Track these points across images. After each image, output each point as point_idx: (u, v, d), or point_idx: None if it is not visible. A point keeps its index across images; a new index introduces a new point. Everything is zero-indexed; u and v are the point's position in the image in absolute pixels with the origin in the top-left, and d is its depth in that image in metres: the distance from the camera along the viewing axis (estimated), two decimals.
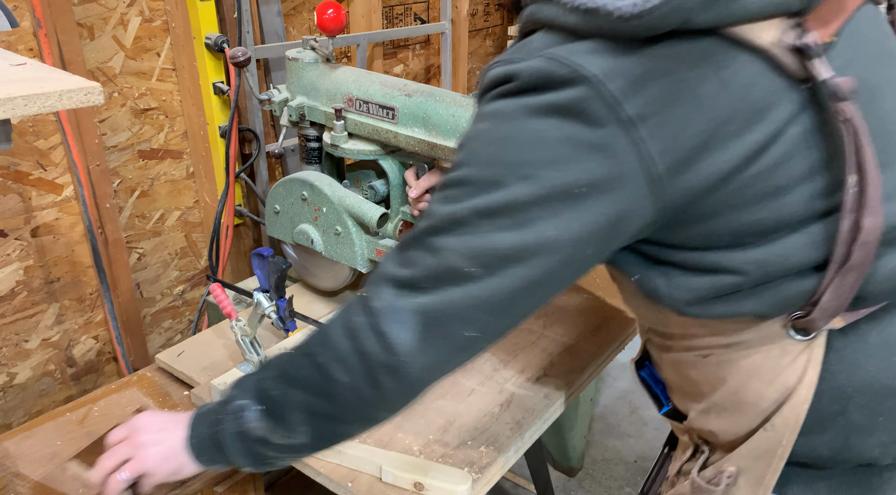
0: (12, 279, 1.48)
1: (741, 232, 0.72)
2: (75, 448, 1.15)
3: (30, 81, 0.76)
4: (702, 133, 0.66)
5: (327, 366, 0.75)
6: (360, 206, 1.33)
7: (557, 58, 0.66)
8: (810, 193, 0.70)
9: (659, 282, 0.78)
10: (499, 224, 0.68)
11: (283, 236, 1.48)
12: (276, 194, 1.45)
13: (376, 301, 0.73)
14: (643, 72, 0.65)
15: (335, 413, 0.77)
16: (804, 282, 0.73)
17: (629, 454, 2.24)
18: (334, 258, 1.41)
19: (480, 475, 1.04)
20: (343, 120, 1.36)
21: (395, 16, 2.27)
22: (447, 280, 0.70)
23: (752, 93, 0.67)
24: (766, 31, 0.66)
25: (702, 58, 0.66)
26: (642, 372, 1.00)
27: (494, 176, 0.69)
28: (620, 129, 0.65)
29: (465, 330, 0.71)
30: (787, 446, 0.77)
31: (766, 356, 0.78)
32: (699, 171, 0.67)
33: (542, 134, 0.67)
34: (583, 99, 0.65)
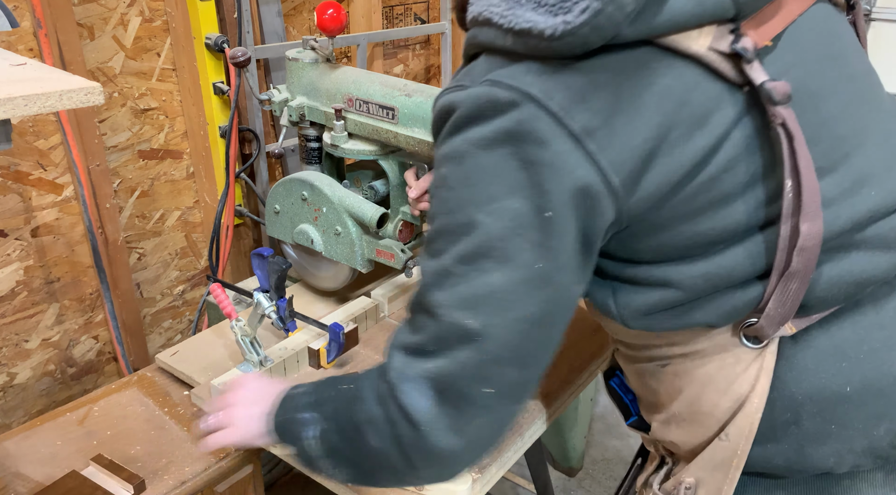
0: (12, 279, 1.48)
1: (689, 244, 0.72)
2: (75, 448, 1.15)
3: (30, 81, 0.76)
4: (649, 141, 0.66)
5: (361, 427, 0.74)
6: (359, 206, 1.33)
7: (498, 82, 0.67)
8: (754, 202, 0.70)
9: (608, 300, 0.79)
10: (483, 267, 0.67)
11: (283, 236, 1.48)
12: (276, 194, 1.45)
13: (391, 371, 0.73)
14: (583, 85, 0.65)
15: (370, 473, 0.78)
16: (749, 291, 0.73)
17: (629, 454, 2.24)
18: (334, 258, 1.41)
19: (480, 475, 1.04)
20: (343, 120, 1.36)
21: (395, 16, 2.27)
22: (449, 340, 0.69)
23: (691, 99, 0.67)
24: (697, 38, 0.66)
25: (639, 66, 0.66)
26: (612, 382, 1.01)
27: (464, 219, 0.68)
28: (570, 145, 0.65)
29: (480, 387, 0.69)
30: (741, 456, 0.77)
31: (721, 364, 0.78)
32: (652, 179, 0.67)
33: (499, 164, 0.66)
34: (528, 119, 0.65)
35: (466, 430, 0.70)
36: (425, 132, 1.28)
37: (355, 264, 1.39)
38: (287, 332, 1.30)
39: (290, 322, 1.28)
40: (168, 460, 1.13)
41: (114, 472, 1.07)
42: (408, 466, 0.73)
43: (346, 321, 1.30)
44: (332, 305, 1.53)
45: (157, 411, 1.24)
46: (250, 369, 1.17)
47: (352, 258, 1.38)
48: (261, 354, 1.19)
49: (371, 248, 1.38)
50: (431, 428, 0.69)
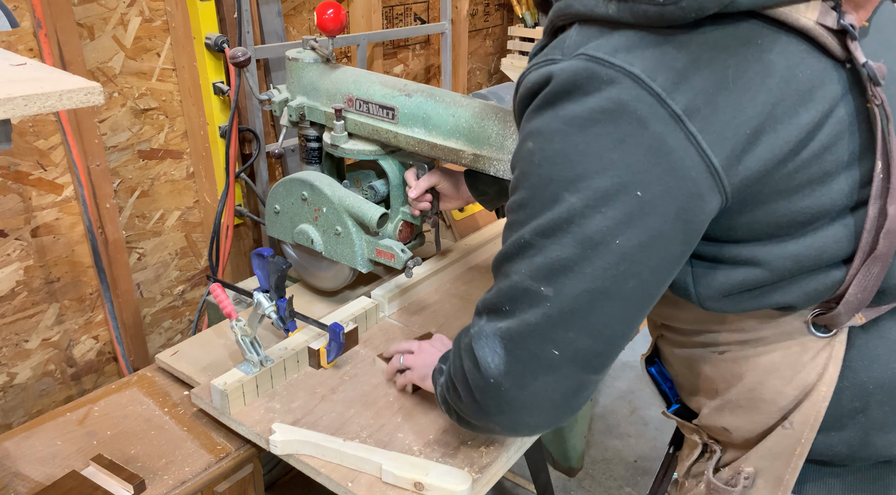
0: (12, 279, 1.48)
1: (783, 223, 0.70)
2: (75, 448, 1.15)
3: (30, 81, 0.76)
4: (753, 118, 0.65)
5: (454, 377, 0.83)
6: (360, 206, 1.33)
7: (597, 58, 0.65)
8: (851, 181, 0.69)
9: (686, 278, 0.76)
10: (560, 240, 0.68)
11: (283, 236, 1.48)
12: (276, 194, 1.45)
13: (473, 326, 0.79)
14: (686, 63, 0.64)
15: (465, 419, 0.86)
16: (832, 274, 0.72)
17: (629, 454, 2.24)
18: (334, 258, 1.41)
19: (480, 475, 1.04)
20: (343, 120, 1.36)
21: (395, 16, 2.27)
22: (522, 302, 0.72)
23: (797, 74, 0.66)
24: (805, 12, 0.66)
25: (744, 42, 0.65)
26: (651, 369, 0.99)
27: (550, 194, 0.68)
28: (671, 126, 0.63)
29: (547, 348, 0.71)
30: (805, 444, 0.77)
31: (786, 353, 0.77)
32: (757, 157, 0.66)
33: (590, 143, 0.65)
34: (628, 98, 0.63)
35: (532, 386, 0.74)
36: (425, 132, 1.28)
37: (355, 264, 1.39)
38: (287, 332, 1.30)
39: (290, 322, 1.28)
40: (168, 460, 1.13)
41: (114, 472, 1.07)
42: (483, 413, 0.80)
43: (346, 321, 1.30)
44: (332, 305, 1.53)
45: (157, 411, 1.24)
46: (250, 369, 1.17)
47: (352, 258, 1.38)
48: (261, 354, 1.19)
49: (371, 248, 1.38)
50: (499, 379, 0.74)
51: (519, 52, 2.72)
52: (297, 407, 1.17)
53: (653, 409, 2.42)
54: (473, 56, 2.72)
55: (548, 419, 0.78)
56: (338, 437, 1.09)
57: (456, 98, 1.27)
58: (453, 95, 1.29)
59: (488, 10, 2.71)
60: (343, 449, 1.05)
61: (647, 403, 2.45)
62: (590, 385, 0.76)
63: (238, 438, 1.17)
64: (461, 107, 1.25)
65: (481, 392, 0.77)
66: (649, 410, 2.42)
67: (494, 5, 2.74)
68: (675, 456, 1.03)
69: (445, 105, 1.26)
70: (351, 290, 1.57)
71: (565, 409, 0.77)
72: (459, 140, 1.25)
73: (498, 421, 0.79)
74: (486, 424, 0.82)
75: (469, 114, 1.24)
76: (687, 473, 0.92)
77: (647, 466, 2.19)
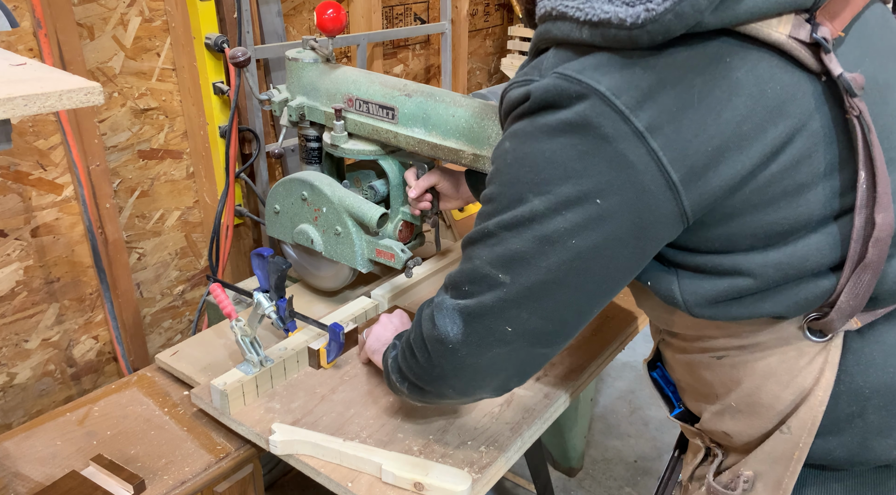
0: (12, 279, 1.48)
1: (761, 233, 0.72)
2: (75, 448, 1.15)
3: (30, 81, 0.76)
4: (716, 136, 0.67)
5: (413, 346, 0.89)
6: (359, 206, 1.33)
7: (567, 75, 0.68)
8: (829, 192, 0.70)
9: (672, 287, 0.78)
10: (520, 235, 0.73)
11: (283, 236, 1.48)
12: (276, 194, 1.45)
13: (437, 297, 0.85)
14: (652, 82, 0.66)
15: (419, 387, 0.91)
16: (821, 282, 0.73)
17: (629, 454, 2.24)
18: (334, 258, 1.41)
19: (480, 475, 1.04)
20: (343, 120, 1.36)
21: (395, 16, 2.27)
22: (481, 284, 0.78)
23: (767, 89, 0.67)
24: (777, 26, 0.67)
25: (711, 61, 0.67)
26: (654, 374, 1.00)
27: (516, 194, 0.73)
28: (633, 142, 0.66)
29: (501, 325, 0.78)
30: (804, 448, 0.77)
31: (782, 358, 0.78)
32: (719, 174, 0.68)
33: (557, 152, 0.69)
34: (593, 114, 0.66)
35: (486, 355, 0.81)
36: (425, 132, 1.28)
37: (355, 264, 1.39)
38: (287, 332, 1.30)
39: (290, 322, 1.28)
40: (168, 460, 1.13)
41: (114, 472, 1.07)
42: (439, 376, 0.86)
43: (346, 321, 1.30)
44: (332, 305, 1.53)
45: (156, 411, 1.24)
46: (250, 369, 1.17)
47: (352, 258, 1.38)
48: (261, 354, 1.19)
49: (371, 248, 1.38)
50: (457, 346, 0.81)
51: (519, 52, 2.72)
52: (296, 407, 1.17)
53: (653, 409, 2.42)
54: (473, 56, 2.72)
55: (498, 384, 0.86)
56: (338, 437, 1.09)
57: (456, 98, 1.27)
58: (453, 95, 1.28)
59: (488, 10, 2.71)
60: (343, 450, 1.05)
61: (647, 403, 2.45)
62: (540, 357, 0.83)
63: (238, 438, 1.17)
64: (461, 107, 1.25)
65: (439, 355, 0.84)
66: (649, 410, 2.42)
67: (494, 5, 2.74)
68: (680, 459, 1.04)
69: (445, 105, 1.26)
70: (351, 290, 1.57)
71: (516, 377, 0.86)
72: (459, 140, 1.25)
73: (452, 384, 0.86)
74: (440, 388, 0.88)
75: (469, 114, 1.24)
76: (691, 477, 0.92)
77: (647, 466, 2.19)
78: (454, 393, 0.89)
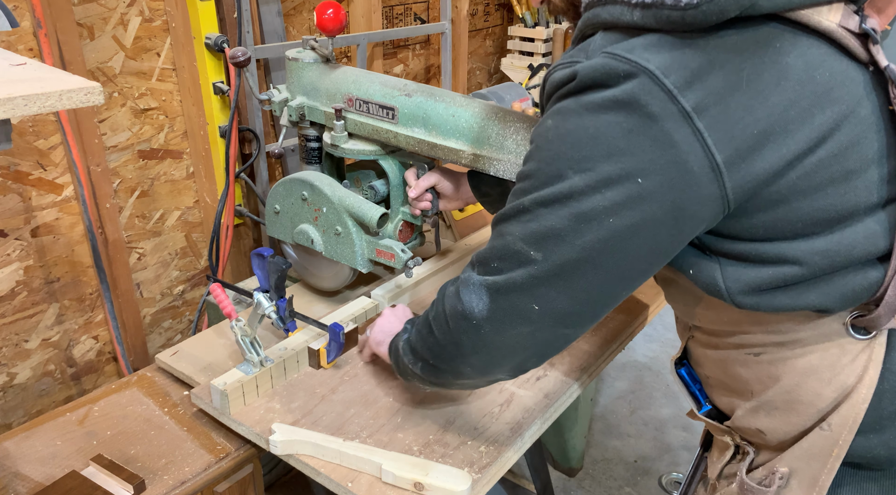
0: (12, 279, 1.48)
1: (808, 220, 0.71)
2: (75, 448, 1.15)
3: (30, 81, 0.76)
4: (763, 120, 0.67)
5: (432, 323, 0.89)
6: (360, 206, 1.33)
7: (616, 54, 0.68)
8: (877, 179, 0.70)
9: (716, 274, 0.77)
10: (557, 212, 0.72)
11: (283, 236, 1.48)
12: (276, 194, 1.45)
13: (464, 273, 0.85)
14: (701, 64, 0.66)
15: (434, 366, 0.91)
16: (869, 274, 0.73)
17: (629, 454, 2.24)
18: (334, 258, 1.41)
19: (480, 475, 1.04)
20: (343, 120, 1.36)
21: (395, 16, 2.27)
22: (511, 261, 0.77)
23: (815, 76, 0.67)
24: (828, 15, 0.67)
25: (761, 46, 0.67)
26: (681, 371, 0.99)
27: (556, 170, 0.72)
28: (679, 122, 0.66)
29: (528, 303, 0.77)
30: (843, 446, 0.77)
31: (824, 355, 0.77)
32: (764, 158, 0.68)
33: (601, 130, 0.69)
34: (641, 92, 0.66)
35: (509, 332, 0.80)
36: (425, 132, 1.28)
37: (355, 264, 1.39)
38: (287, 332, 1.30)
39: (290, 322, 1.28)
40: (168, 460, 1.13)
41: (114, 472, 1.07)
42: (458, 353, 0.85)
43: (346, 321, 1.30)
44: (332, 305, 1.53)
45: (156, 411, 1.24)
46: (250, 369, 1.17)
47: (352, 258, 1.38)
48: (261, 354, 1.19)
49: (371, 248, 1.38)
50: (481, 322, 0.80)
51: (519, 52, 2.72)
52: (297, 407, 1.17)
53: (653, 409, 2.42)
54: (473, 56, 2.72)
55: (516, 364, 0.85)
56: (338, 437, 1.09)
57: (456, 98, 1.27)
58: (453, 95, 1.28)
59: (488, 9, 2.71)
60: (343, 449, 1.05)
61: (647, 403, 2.45)
62: (562, 338, 0.81)
63: (238, 438, 1.17)
64: (461, 107, 1.25)
65: (462, 332, 0.83)
66: (649, 410, 2.42)
67: (494, 5, 2.74)
68: (705, 457, 1.03)
69: (445, 105, 1.26)
70: (351, 290, 1.57)
71: (535, 357, 0.84)
72: (459, 140, 1.25)
73: (472, 361, 0.85)
74: (458, 366, 0.87)
75: (469, 114, 1.24)
76: (719, 475, 0.91)
77: (647, 466, 2.19)
78: (472, 371, 0.88)
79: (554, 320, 0.78)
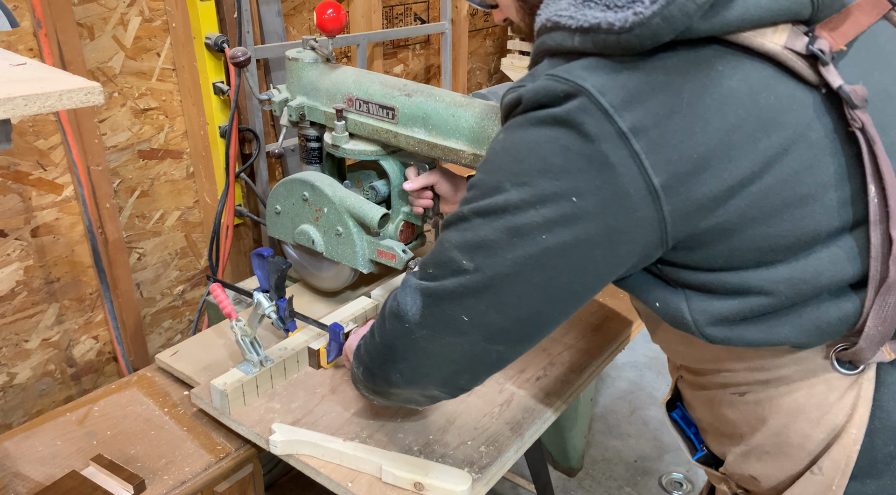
0: (12, 279, 1.48)
1: (766, 247, 0.69)
2: (75, 448, 1.15)
3: (30, 81, 0.76)
4: (703, 144, 0.65)
5: (375, 326, 0.89)
6: (361, 207, 1.33)
7: (556, 75, 0.68)
8: (838, 202, 0.68)
9: (681, 307, 0.75)
10: (492, 223, 0.71)
11: (284, 236, 1.48)
12: (277, 194, 1.45)
13: (403, 279, 0.84)
14: (639, 85, 0.65)
15: (371, 372, 0.90)
16: (843, 304, 0.70)
17: (629, 454, 2.24)
18: (335, 259, 1.41)
19: (480, 475, 1.04)
20: (344, 120, 1.36)
21: (395, 16, 2.27)
22: (445, 268, 0.76)
23: (759, 100, 0.66)
24: (772, 36, 0.66)
25: (702, 69, 0.65)
26: (674, 414, 0.96)
27: (495, 182, 0.72)
28: (616, 143, 0.65)
29: (458, 313, 0.76)
30: (837, 491, 0.73)
31: (810, 392, 0.74)
32: (704, 183, 0.66)
33: (540, 143, 0.68)
34: (578, 111, 0.65)
35: (440, 341, 0.79)
36: (425, 132, 1.28)
37: (356, 265, 1.39)
38: (287, 332, 1.30)
39: (290, 322, 1.28)
40: (168, 460, 1.13)
41: (114, 472, 1.07)
42: (389, 357, 0.85)
43: (346, 321, 1.30)
44: (332, 305, 1.53)
45: (156, 411, 1.24)
46: (250, 369, 1.17)
47: (353, 258, 1.38)
48: (261, 354, 1.19)
49: (372, 249, 1.38)
50: (413, 326, 0.80)
51: (519, 52, 2.72)
52: (297, 407, 1.17)
53: (653, 409, 2.42)
54: (473, 56, 2.72)
55: (446, 377, 0.83)
56: (338, 437, 1.09)
57: (456, 98, 1.27)
58: (453, 95, 1.28)
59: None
60: (343, 449, 1.05)
61: (646, 403, 2.45)
62: (494, 355, 0.79)
63: (238, 438, 1.17)
64: (461, 107, 1.25)
65: (395, 334, 0.83)
66: (649, 410, 2.42)
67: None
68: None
69: (445, 105, 1.26)
70: (351, 291, 1.57)
71: (467, 373, 0.83)
72: (459, 140, 1.25)
73: (401, 367, 0.85)
74: (388, 371, 0.87)
75: (469, 114, 1.24)
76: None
77: (647, 466, 2.19)
78: (401, 379, 0.86)
79: (484, 334, 0.77)
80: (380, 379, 0.89)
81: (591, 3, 0.67)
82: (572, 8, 0.69)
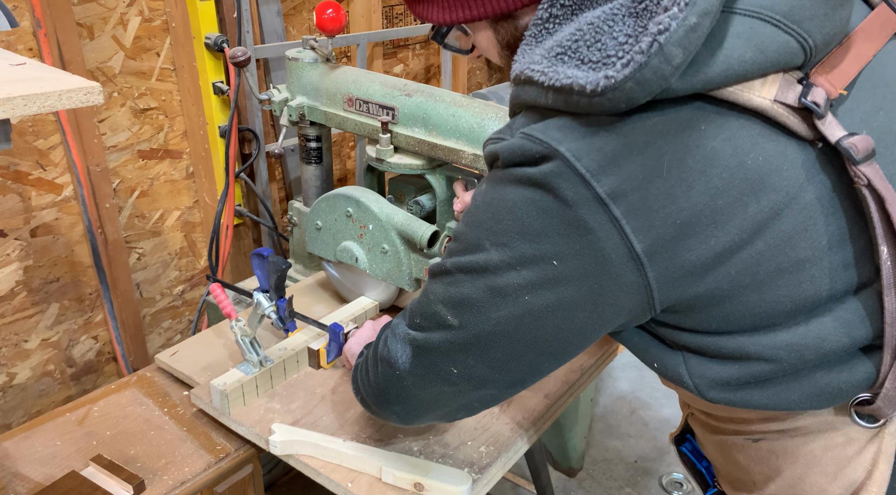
0: (12, 279, 1.48)
1: (763, 313, 0.66)
2: (75, 448, 1.15)
3: (30, 81, 0.76)
4: (687, 209, 0.61)
5: (368, 360, 0.89)
6: (410, 225, 1.29)
7: (531, 135, 0.65)
8: (840, 265, 0.64)
9: (680, 370, 0.72)
10: (474, 282, 0.70)
11: (325, 253, 1.44)
12: (319, 210, 1.40)
13: (393, 324, 0.84)
14: (617, 148, 0.61)
15: (367, 400, 0.90)
16: (856, 369, 0.66)
17: (629, 454, 2.24)
18: (379, 277, 1.37)
19: (480, 475, 1.04)
20: (389, 133, 1.32)
21: (395, 16, 2.27)
22: (432, 322, 0.76)
23: (748, 161, 0.61)
24: (761, 90, 0.61)
25: (683, 129, 0.61)
26: (684, 448, 0.93)
27: (476, 238, 0.70)
28: (594, 208, 0.62)
29: (447, 365, 0.76)
30: None
31: (827, 444, 0.71)
32: (690, 249, 0.62)
33: (518, 204, 0.66)
34: (554, 176, 0.62)
35: (430, 389, 0.80)
36: (425, 132, 1.28)
37: (402, 283, 1.35)
38: (287, 332, 1.30)
39: (290, 322, 1.28)
40: (167, 460, 1.13)
41: (113, 472, 1.07)
42: (384, 399, 0.86)
43: (346, 321, 1.30)
44: (332, 305, 1.52)
45: (156, 411, 1.24)
46: (250, 369, 1.17)
47: (399, 277, 1.34)
48: (261, 354, 1.19)
49: (419, 267, 1.33)
50: (403, 374, 0.80)
51: None
52: (296, 407, 1.17)
53: (653, 409, 2.42)
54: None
55: (442, 416, 0.85)
56: (338, 437, 1.09)
57: (456, 98, 1.27)
58: (453, 95, 1.28)
59: None
60: (343, 450, 1.05)
61: (647, 403, 2.45)
62: (488, 397, 0.80)
63: (238, 438, 1.17)
64: (461, 107, 1.25)
65: (386, 379, 0.83)
66: (649, 410, 2.42)
67: None
68: None
69: (445, 105, 1.26)
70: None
71: (462, 412, 0.84)
72: (459, 140, 1.25)
73: (396, 409, 0.86)
74: (384, 411, 0.88)
75: (469, 114, 1.24)
76: None
77: (648, 466, 2.19)
78: (397, 419, 0.88)
79: (474, 384, 0.76)
80: (379, 415, 0.91)
81: (565, 56, 0.64)
82: (545, 62, 0.65)
